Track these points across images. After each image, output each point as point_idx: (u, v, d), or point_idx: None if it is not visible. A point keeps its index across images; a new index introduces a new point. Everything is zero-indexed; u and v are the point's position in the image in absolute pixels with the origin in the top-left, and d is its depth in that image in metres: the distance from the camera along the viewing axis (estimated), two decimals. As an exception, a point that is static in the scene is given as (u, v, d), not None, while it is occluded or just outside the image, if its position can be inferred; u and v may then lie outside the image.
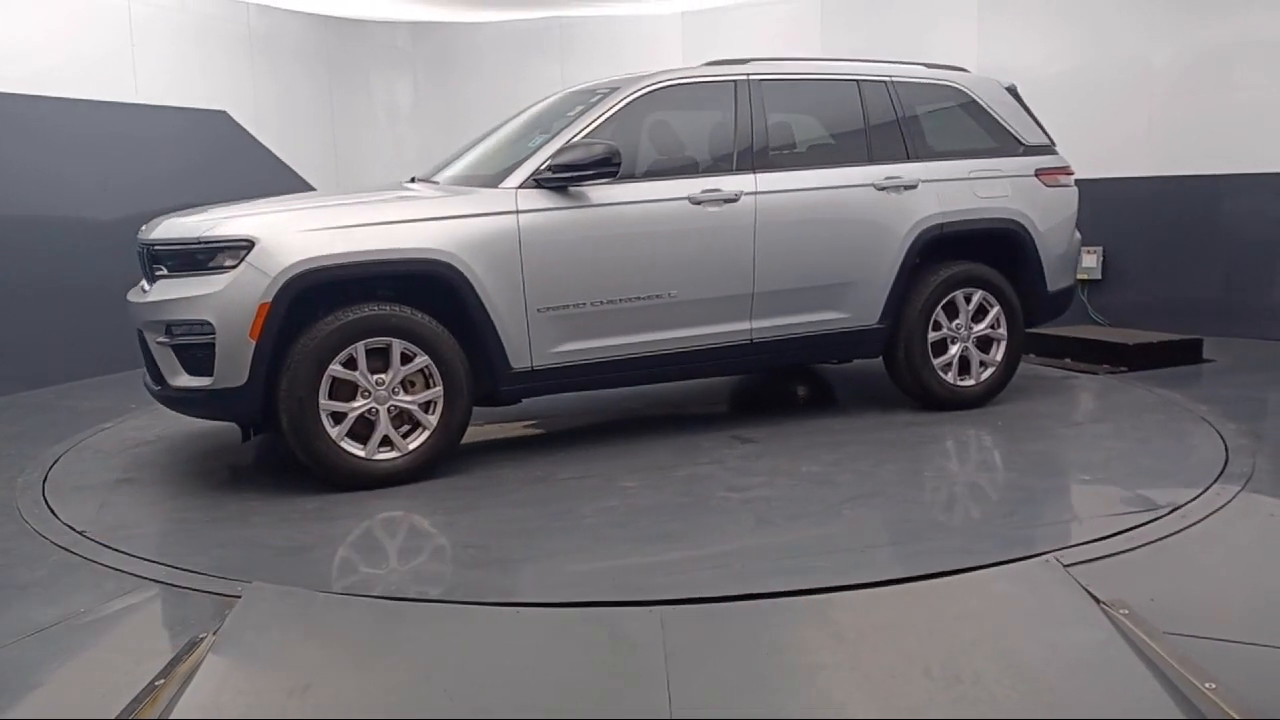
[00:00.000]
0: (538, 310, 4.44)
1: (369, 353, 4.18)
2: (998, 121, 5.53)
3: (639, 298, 4.63)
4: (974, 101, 5.51)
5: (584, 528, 3.77)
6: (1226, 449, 4.51)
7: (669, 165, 4.92)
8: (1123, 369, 6.37)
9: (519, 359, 4.44)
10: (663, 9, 9.43)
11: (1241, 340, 7.15)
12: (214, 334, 4.03)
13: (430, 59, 10.06)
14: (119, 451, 5.10)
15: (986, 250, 5.38)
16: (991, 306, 5.33)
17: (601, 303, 4.56)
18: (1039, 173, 5.52)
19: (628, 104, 4.74)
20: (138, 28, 7.57)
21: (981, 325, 5.34)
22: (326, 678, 2.63)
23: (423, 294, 4.29)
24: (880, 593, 3.08)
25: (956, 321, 5.29)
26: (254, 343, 4.03)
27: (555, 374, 4.56)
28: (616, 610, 2.98)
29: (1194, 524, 3.60)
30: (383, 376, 4.21)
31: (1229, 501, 3.83)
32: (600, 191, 4.54)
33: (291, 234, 4.11)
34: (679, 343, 4.76)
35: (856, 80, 5.26)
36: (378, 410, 4.21)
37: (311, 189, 8.62)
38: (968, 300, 5.29)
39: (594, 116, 4.67)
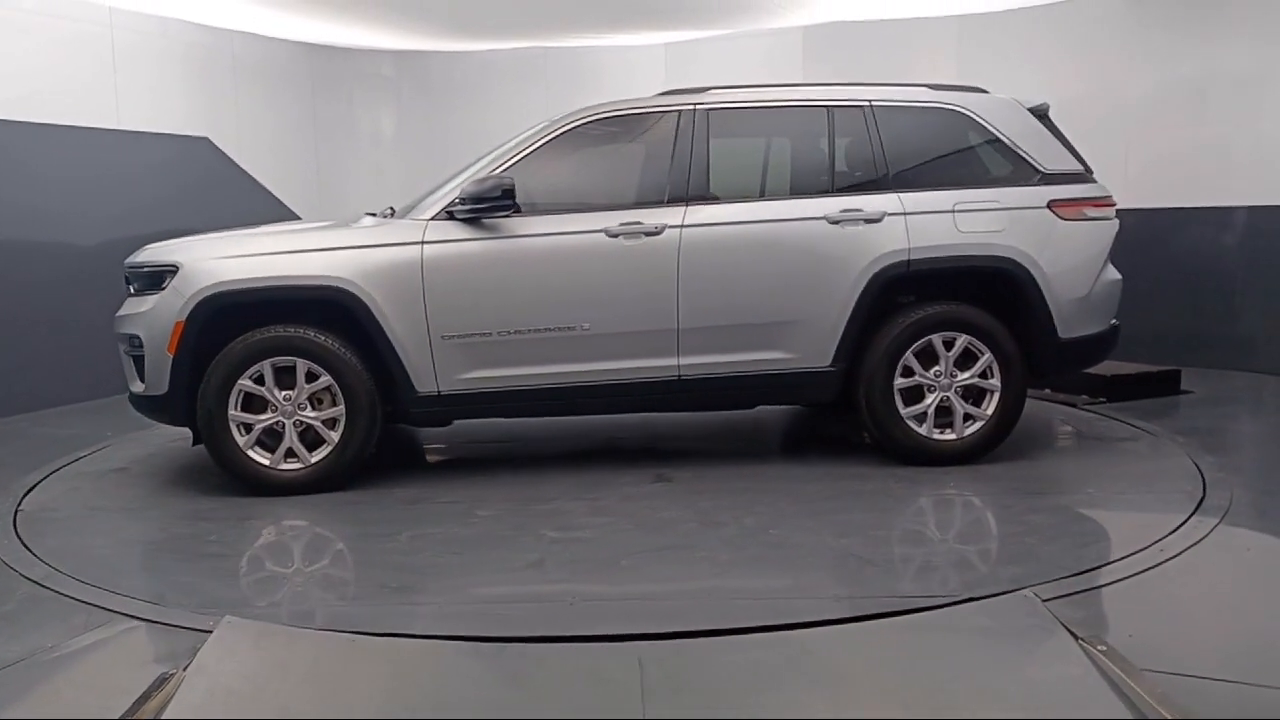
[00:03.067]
0: (442, 337, 4.60)
1: (284, 370, 4.56)
2: (1009, 147, 4.97)
3: (548, 329, 4.65)
4: (979, 126, 4.99)
5: (374, 551, 3.99)
6: (1204, 481, 4.53)
7: (596, 197, 4.92)
8: (1101, 400, 6.40)
9: (424, 383, 4.64)
10: (647, 40, 9.51)
11: (1219, 371, 7.20)
12: (143, 347, 4.60)
13: (414, 87, 10.09)
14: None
15: (979, 291, 4.90)
16: (981, 353, 4.80)
17: (509, 333, 4.64)
18: (1053, 204, 4.88)
19: (556, 137, 4.82)
20: (120, 54, 7.57)
21: (968, 374, 4.81)
22: (299, 713, 2.59)
23: (332, 318, 4.60)
24: (859, 628, 3.07)
25: (936, 368, 4.81)
26: (171, 356, 4.54)
27: (464, 400, 4.71)
28: (594, 646, 2.96)
29: (1172, 558, 3.60)
30: (291, 393, 4.57)
31: (1206, 535, 3.84)
32: (515, 223, 4.66)
33: (207, 260, 4.62)
34: (596, 375, 4.71)
35: (827, 106, 4.98)
36: (284, 424, 4.57)
37: (294, 215, 8.62)
38: (949, 345, 4.80)
39: (518, 149, 4.80)
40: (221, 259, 4.63)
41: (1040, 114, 5.18)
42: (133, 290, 4.78)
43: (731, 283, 4.73)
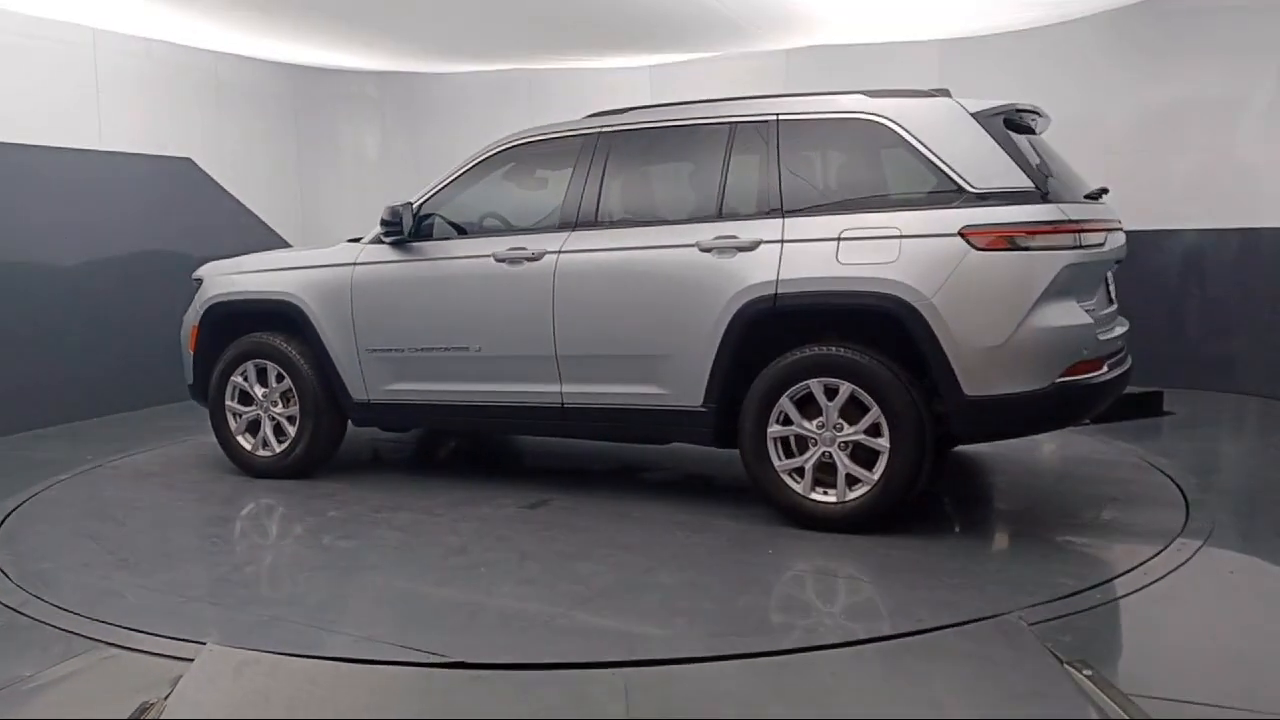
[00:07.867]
0: (368, 350, 5.07)
1: (265, 371, 5.29)
2: (930, 161, 4.12)
3: (446, 349, 4.91)
4: (898, 137, 4.20)
5: (196, 536, 4.65)
6: (1187, 504, 4.54)
7: (503, 222, 5.09)
8: (1084, 422, 6.41)
9: (357, 392, 5.15)
10: (631, 63, 9.54)
11: (1201, 392, 7.25)
12: (180, 345, 5.64)
13: (398, 108, 10.09)
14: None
15: (878, 331, 4.13)
16: (869, 406, 4.08)
17: (416, 350, 4.97)
18: (967, 231, 3.95)
19: (480, 163, 4.98)
20: (104, 75, 7.55)
21: (854, 429, 4.10)
22: (280, 746, 2.57)
23: (294, 329, 5.24)
24: (845, 653, 3.06)
25: (820, 419, 4.16)
26: (192, 353, 5.52)
27: (387, 409, 5.16)
28: (579, 673, 2.95)
29: (1156, 581, 3.61)
30: (268, 390, 5.29)
31: (1190, 558, 3.85)
32: (429, 247, 4.97)
33: (216, 276, 5.54)
34: (490, 397, 4.85)
35: (730, 123, 4.50)
36: (261, 416, 5.32)
37: (277, 235, 8.61)
38: (831, 394, 4.12)
39: (449, 175, 5.01)
40: (224, 275, 5.51)
41: (1004, 114, 4.32)
42: None
43: (602, 311, 4.56)
